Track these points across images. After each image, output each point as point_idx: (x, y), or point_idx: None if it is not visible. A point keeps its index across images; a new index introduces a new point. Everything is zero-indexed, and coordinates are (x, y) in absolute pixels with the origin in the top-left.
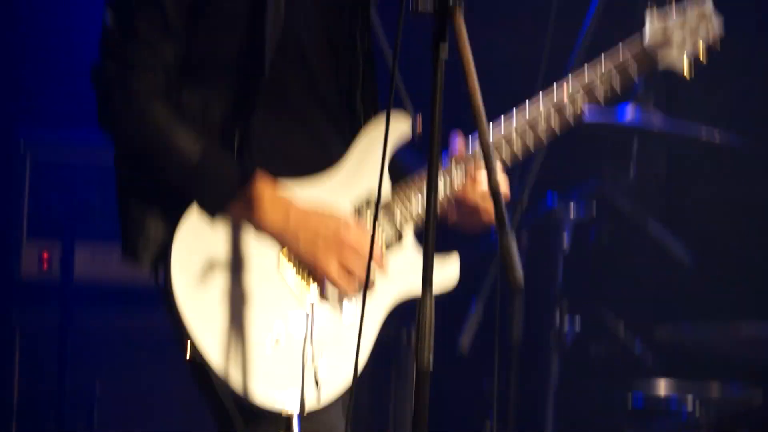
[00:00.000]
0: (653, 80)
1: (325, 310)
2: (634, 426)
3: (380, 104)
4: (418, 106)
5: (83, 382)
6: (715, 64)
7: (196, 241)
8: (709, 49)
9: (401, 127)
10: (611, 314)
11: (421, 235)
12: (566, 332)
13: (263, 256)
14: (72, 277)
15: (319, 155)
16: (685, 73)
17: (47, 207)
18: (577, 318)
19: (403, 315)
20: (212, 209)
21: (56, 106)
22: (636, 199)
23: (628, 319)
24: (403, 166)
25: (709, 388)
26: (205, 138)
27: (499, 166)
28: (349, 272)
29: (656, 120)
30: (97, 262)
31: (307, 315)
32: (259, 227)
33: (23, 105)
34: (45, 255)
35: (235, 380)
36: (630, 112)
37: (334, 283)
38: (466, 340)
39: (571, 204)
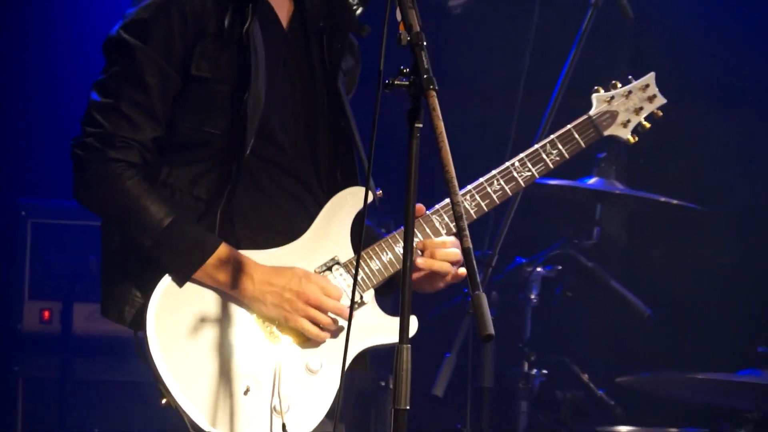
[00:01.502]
0: (614, 154)
1: (290, 363)
2: None
3: (359, 178)
4: (390, 177)
5: (82, 426)
6: (670, 139)
7: (171, 303)
8: (652, 118)
9: (362, 197)
10: (576, 363)
11: (382, 297)
12: (534, 379)
13: (234, 314)
14: (71, 331)
15: (300, 222)
16: (630, 141)
17: (47, 268)
18: (544, 366)
19: (383, 365)
20: (180, 274)
21: (55, 176)
22: (599, 258)
23: (592, 367)
24: (367, 239)
25: (667, 429)
26: (177, 209)
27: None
28: (316, 323)
29: (618, 185)
30: (93, 319)
31: (274, 368)
32: (228, 290)
33: (23, 175)
34: (46, 314)
35: (207, 425)
36: (593, 182)
37: (308, 333)
38: (441, 384)
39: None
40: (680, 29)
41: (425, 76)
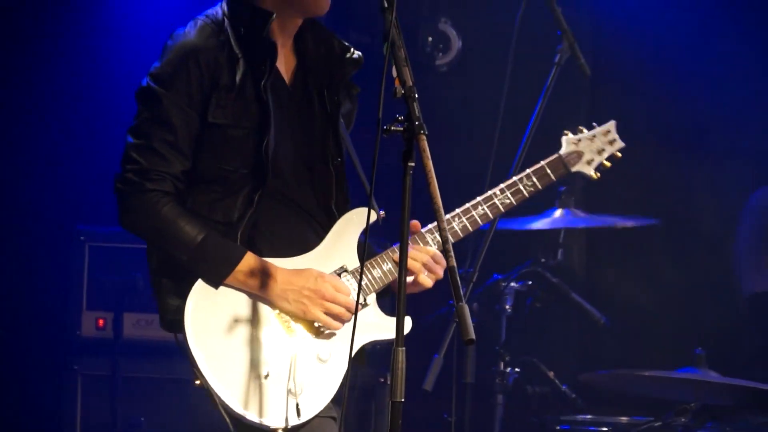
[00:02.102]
0: (573, 186)
1: (305, 354)
2: None
3: (351, 206)
4: (386, 203)
5: (131, 416)
6: (620, 171)
7: (204, 301)
8: (612, 158)
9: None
10: (543, 362)
11: (381, 299)
12: (508, 376)
13: (257, 311)
14: (121, 336)
15: (308, 239)
16: (594, 177)
17: (101, 284)
18: (517, 364)
19: (382, 364)
20: (214, 280)
21: (107, 206)
22: (562, 274)
23: (557, 366)
24: (369, 254)
25: (619, 419)
26: (207, 227)
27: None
28: (331, 315)
29: (578, 215)
30: (140, 326)
31: (291, 358)
32: (255, 292)
33: (81, 205)
34: (101, 321)
35: (225, 397)
36: (557, 211)
37: (324, 323)
38: (430, 380)
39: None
40: (627, 83)
41: (417, 123)
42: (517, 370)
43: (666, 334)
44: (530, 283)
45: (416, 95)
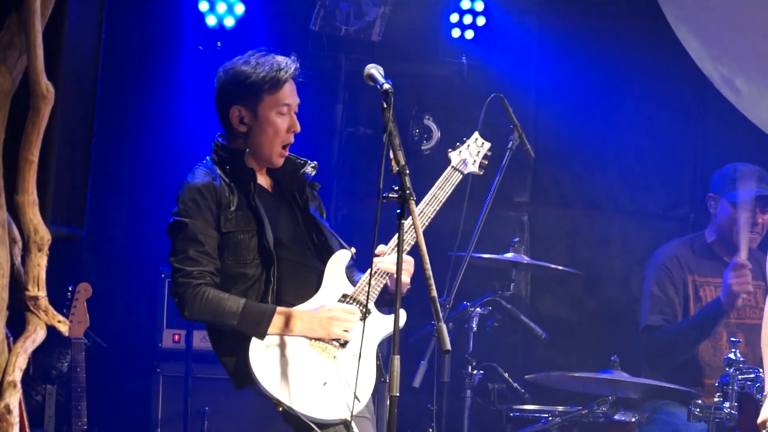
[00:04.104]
0: (522, 238)
1: (343, 360)
2: (514, 427)
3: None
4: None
5: (199, 406)
6: (556, 231)
7: (261, 351)
8: (485, 158)
9: (347, 254)
10: (500, 366)
11: (381, 307)
12: (474, 376)
13: (299, 345)
14: (191, 347)
15: (317, 283)
16: (479, 173)
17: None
18: (481, 368)
19: (384, 368)
20: (259, 334)
21: None
22: (514, 302)
23: (510, 368)
24: (353, 282)
25: (556, 408)
26: (242, 300)
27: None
28: (344, 330)
29: (525, 258)
30: (205, 340)
31: (335, 366)
32: (292, 333)
33: (163, 251)
34: (176, 336)
35: (304, 410)
36: (510, 254)
37: (341, 337)
38: (418, 379)
39: (477, 306)
40: (558, 162)
41: (408, 191)
42: (481, 372)
43: (590, 346)
44: (490, 308)
45: (407, 171)
